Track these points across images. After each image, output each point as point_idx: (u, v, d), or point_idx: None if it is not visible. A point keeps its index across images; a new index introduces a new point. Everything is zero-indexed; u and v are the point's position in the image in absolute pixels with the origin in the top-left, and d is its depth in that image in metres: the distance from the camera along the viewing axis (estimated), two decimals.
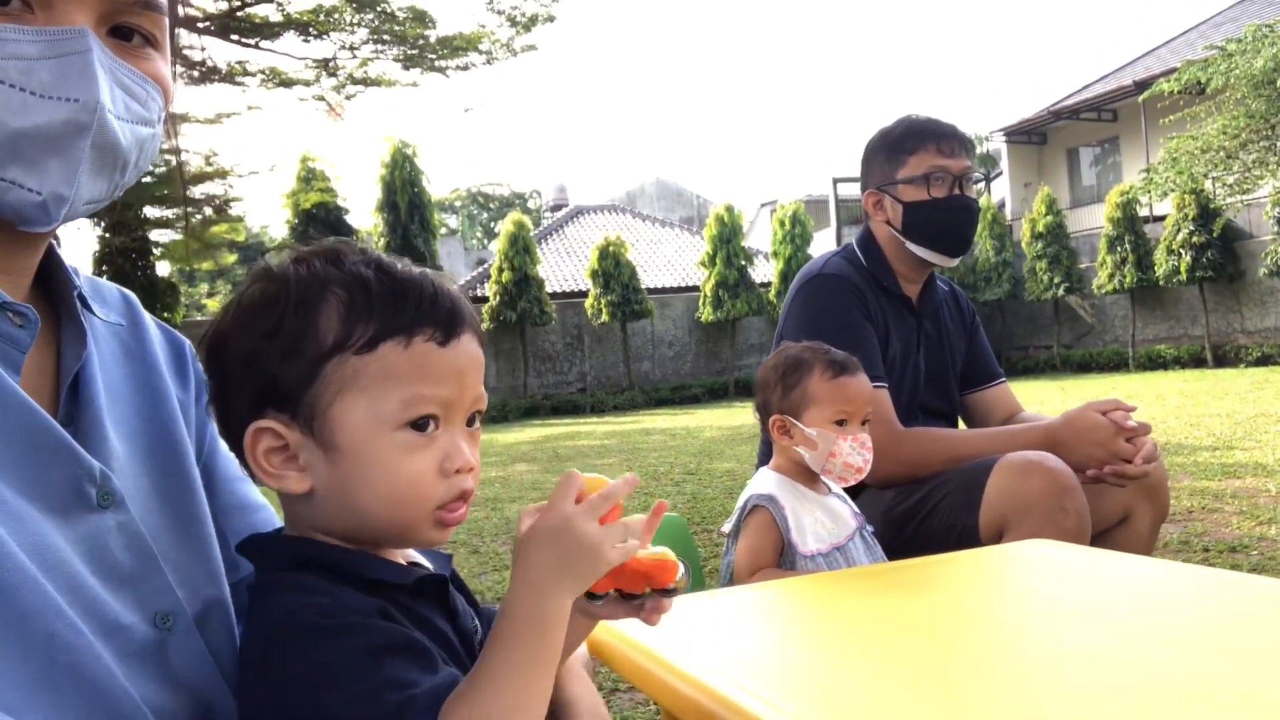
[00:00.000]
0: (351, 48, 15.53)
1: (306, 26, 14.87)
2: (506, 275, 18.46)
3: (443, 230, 40.39)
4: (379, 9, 14.79)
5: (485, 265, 22.61)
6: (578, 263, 23.57)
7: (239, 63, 15.73)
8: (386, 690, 0.67)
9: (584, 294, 19.96)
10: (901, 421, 2.07)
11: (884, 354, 2.14)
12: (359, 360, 0.74)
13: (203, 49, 15.48)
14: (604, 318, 18.79)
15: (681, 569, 0.80)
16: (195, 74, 15.98)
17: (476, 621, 0.92)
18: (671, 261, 25.06)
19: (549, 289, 19.67)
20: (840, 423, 1.59)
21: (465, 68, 16.23)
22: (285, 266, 0.78)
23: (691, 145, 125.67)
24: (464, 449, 0.78)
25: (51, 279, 0.80)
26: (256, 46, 15.03)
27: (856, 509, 1.68)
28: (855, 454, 1.57)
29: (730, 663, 0.91)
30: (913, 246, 2.18)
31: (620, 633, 1.01)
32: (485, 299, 19.13)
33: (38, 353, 0.75)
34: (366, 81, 16.17)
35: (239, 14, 14.38)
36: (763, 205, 31.80)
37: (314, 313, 0.75)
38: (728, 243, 19.62)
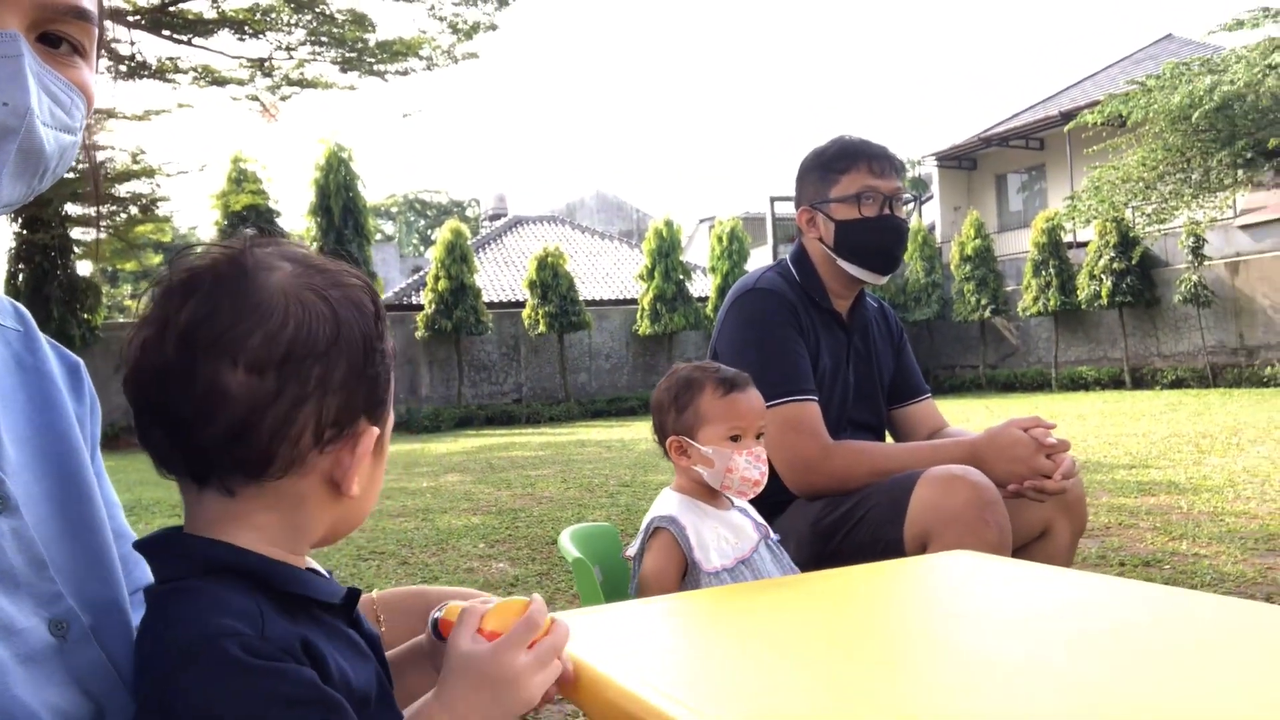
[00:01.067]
0: (288, 48, 15.26)
1: (242, 25, 14.57)
2: (443, 284, 18.29)
3: (378, 236, 39.82)
4: (317, 10, 14.57)
5: (421, 273, 22.36)
6: (516, 273, 23.47)
7: (170, 59, 15.33)
8: None
9: (521, 304, 19.87)
10: (831, 435, 2.10)
11: (815, 367, 2.17)
12: (389, 370, 0.81)
13: (132, 43, 15.07)
14: (541, 329, 18.73)
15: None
16: (123, 69, 15.52)
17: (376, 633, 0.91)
18: (610, 274, 25.09)
19: (486, 299, 19.53)
20: (735, 438, 1.60)
21: (405, 73, 16.07)
22: (355, 278, 0.79)
23: (632, 159, 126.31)
24: None
25: None
26: (189, 43, 14.68)
27: (760, 520, 1.70)
28: (751, 468, 1.58)
29: (651, 670, 0.91)
30: (844, 264, 2.22)
31: None
32: (420, 307, 18.91)
33: None
34: (303, 83, 15.90)
35: (171, 9, 14.03)
36: (701, 221, 32.08)
37: (385, 330, 0.80)
38: (666, 257, 19.75)
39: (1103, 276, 16.65)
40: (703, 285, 21.91)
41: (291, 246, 0.79)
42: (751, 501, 2.11)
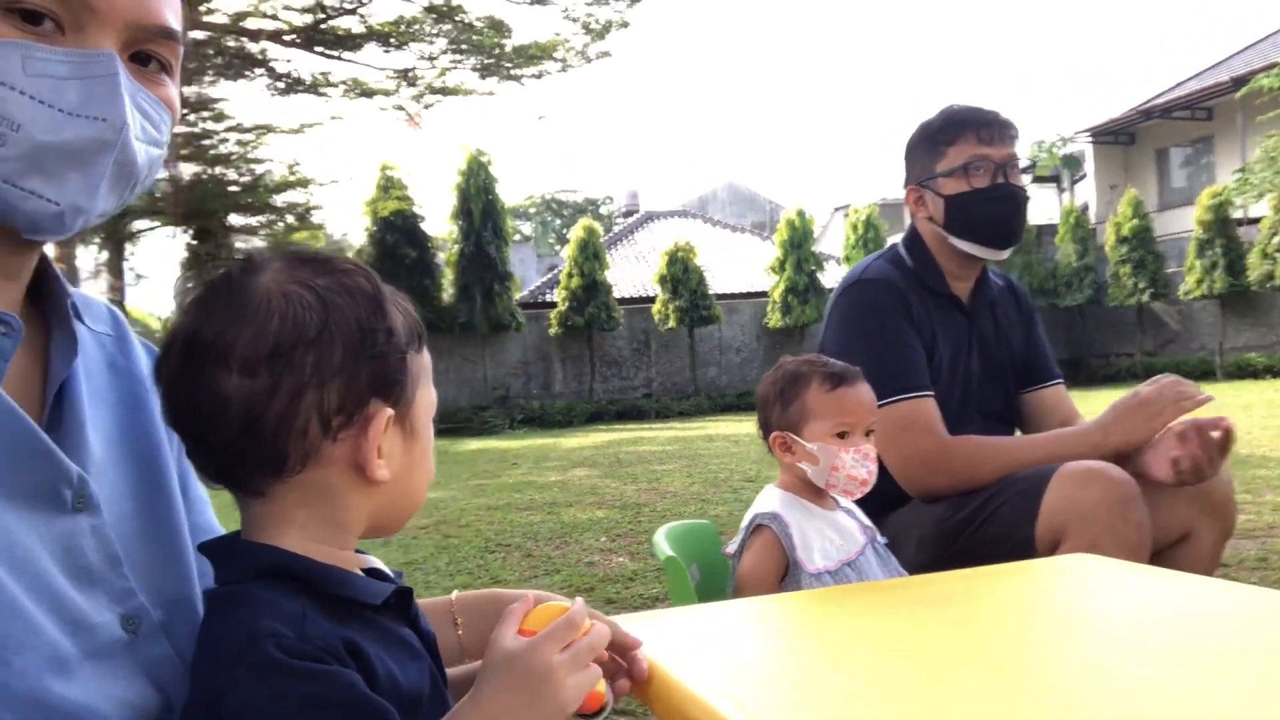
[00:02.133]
0: (430, 58, 15.87)
1: (387, 37, 15.25)
2: (575, 281, 18.58)
3: (516, 237, 40.91)
4: (457, 19, 15.07)
5: (555, 271, 22.81)
6: (647, 268, 23.61)
7: (322, 74, 16.23)
8: None
9: (652, 299, 19.97)
10: (957, 427, 1.99)
11: (931, 359, 2.06)
12: (419, 357, 0.83)
13: (288, 61, 16.03)
14: (671, 323, 18.77)
15: (609, 698, 0.85)
16: (281, 85, 16.53)
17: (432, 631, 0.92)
18: (741, 267, 24.90)
19: (617, 294, 19.73)
20: (842, 435, 1.54)
21: (540, 76, 16.44)
22: (335, 262, 0.82)
23: (765, 149, 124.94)
24: None
25: (45, 288, 0.82)
26: (339, 58, 15.48)
27: (867, 522, 1.63)
28: (859, 466, 1.52)
29: (726, 675, 0.88)
30: (957, 241, 2.09)
31: None
32: (554, 304, 19.30)
33: (26, 358, 0.77)
34: (444, 91, 16.51)
35: (323, 27, 14.82)
36: (836, 209, 31.40)
37: (391, 317, 0.80)
38: (798, 247, 19.43)
39: (1277, 255, 15.29)
40: (836, 276, 21.42)
41: (294, 249, 0.82)
42: (865, 501, 2.04)
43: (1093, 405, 2.32)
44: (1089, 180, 23.60)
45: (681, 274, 18.79)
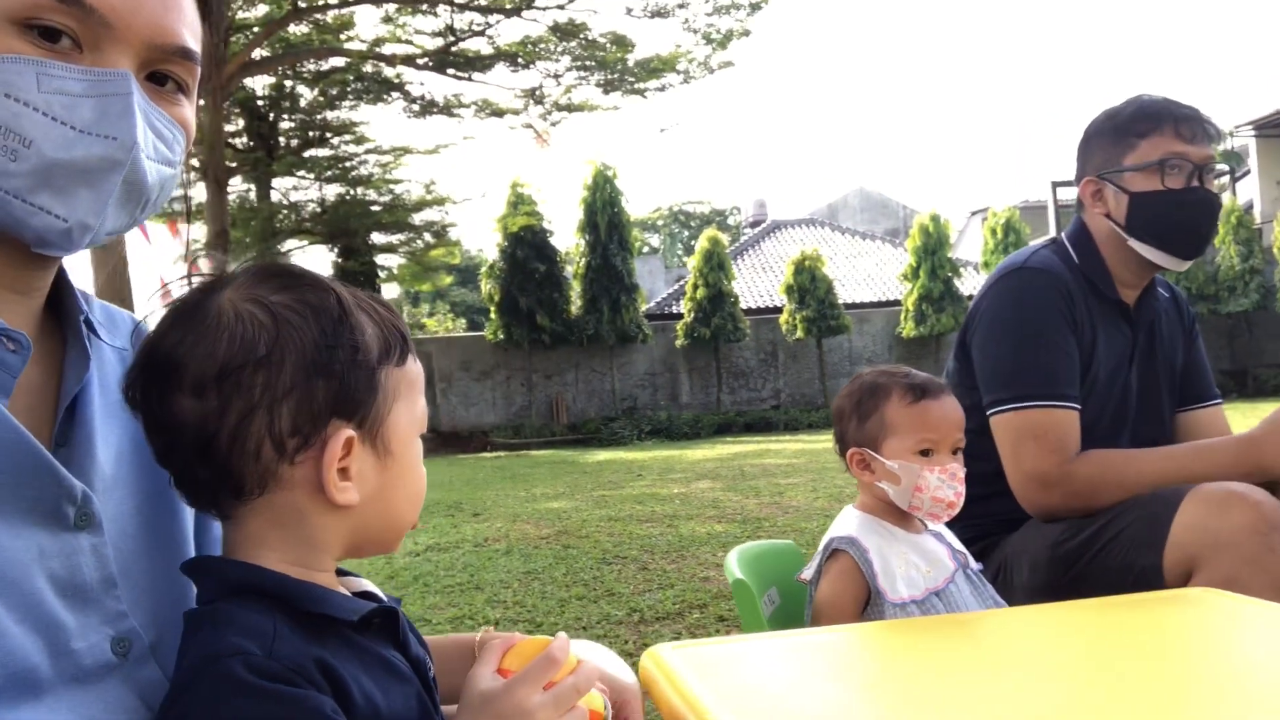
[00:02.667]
0: (556, 76, 16.24)
1: (515, 57, 15.70)
2: (701, 292, 18.57)
3: (644, 249, 41.25)
4: (581, 37, 15.37)
5: (681, 282, 22.84)
6: (773, 278, 23.35)
7: (455, 95, 16.87)
8: None
9: (779, 310, 19.73)
10: (1109, 446, 1.82)
11: (1088, 369, 1.87)
12: (399, 372, 0.79)
13: (422, 84, 16.73)
14: (799, 334, 18.48)
15: (605, 707, 0.82)
16: (416, 108, 17.26)
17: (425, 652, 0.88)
18: (872, 275, 24.30)
19: (744, 305, 19.59)
20: (925, 453, 1.42)
21: (663, 88, 16.57)
22: (307, 280, 0.78)
23: (897, 153, 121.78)
24: None
25: (62, 303, 0.83)
26: (470, 79, 16.03)
27: (958, 547, 1.50)
28: (944, 487, 1.40)
29: (764, 712, 0.81)
30: (1136, 245, 1.87)
31: (670, 671, 0.93)
32: (680, 316, 19.33)
33: (40, 373, 0.78)
34: (570, 108, 16.87)
35: (453, 49, 15.38)
36: (973, 214, 30.22)
37: (359, 329, 0.77)
38: (933, 254, 18.80)
39: None
40: (973, 283, 20.61)
41: (265, 266, 0.78)
42: (978, 519, 1.89)
43: (1257, 421, 2.08)
44: (1253, 177, 21.85)
45: (809, 283, 18.50)
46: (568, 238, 19.47)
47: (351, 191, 18.02)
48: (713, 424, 18.06)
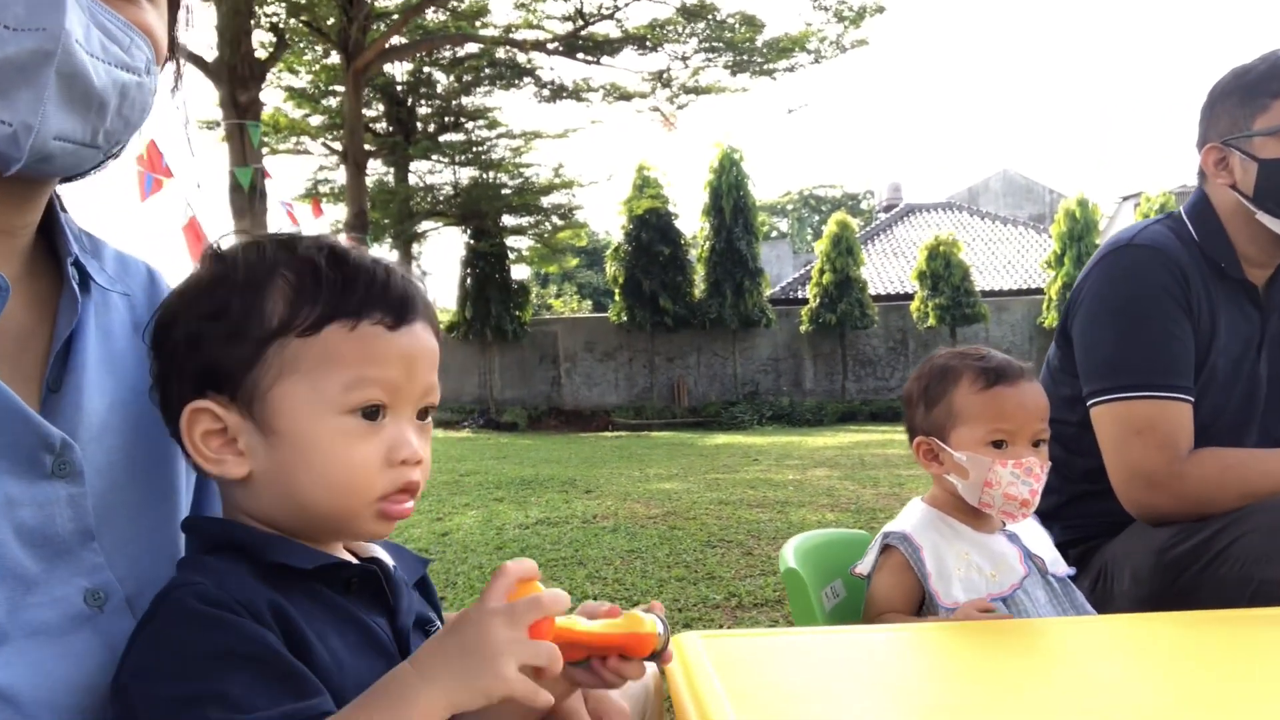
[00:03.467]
0: (684, 58, 16.16)
1: (643, 40, 15.71)
2: (828, 277, 18.17)
3: (773, 234, 40.67)
4: (709, 17, 15.23)
5: (808, 267, 22.43)
6: (905, 264, 22.62)
7: (584, 79, 17.04)
8: (208, 704, 0.61)
9: (910, 297, 19.09)
10: (1230, 445, 1.63)
11: (1206, 357, 1.69)
12: (301, 343, 0.73)
13: (552, 69, 16.96)
14: (930, 321, 17.84)
15: (661, 631, 0.75)
16: (546, 93, 17.53)
17: (439, 626, 0.85)
18: (1013, 262, 23.21)
19: (872, 291, 19.05)
20: (999, 444, 1.29)
21: (793, 69, 16.24)
22: (235, 250, 0.77)
23: (1044, 134, 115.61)
24: (412, 440, 0.76)
25: (58, 246, 0.82)
26: (598, 63, 16.14)
27: (1037, 550, 1.36)
28: (1018, 483, 1.26)
29: (765, 713, 0.74)
30: (1265, 218, 1.67)
31: (689, 661, 0.88)
32: (805, 301, 18.99)
33: (31, 316, 0.77)
34: (697, 90, 16.76)
35: (583, 34, 15.51)
36: (1124, 199, 28.35)
37: (260, 295, 0.73)
38: (1079, 240, 17.79)
39: None
40: None
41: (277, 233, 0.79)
42: (1078, 521, 1.74)
43: None
44: None
45: (943, 269, 17.81)
46: (692, 221, 19.40)
47: (484, 175, 18.48)
48: (837, 412, 17.69)
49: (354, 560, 0.80)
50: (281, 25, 13.25)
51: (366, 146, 15.35)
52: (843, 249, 18.26)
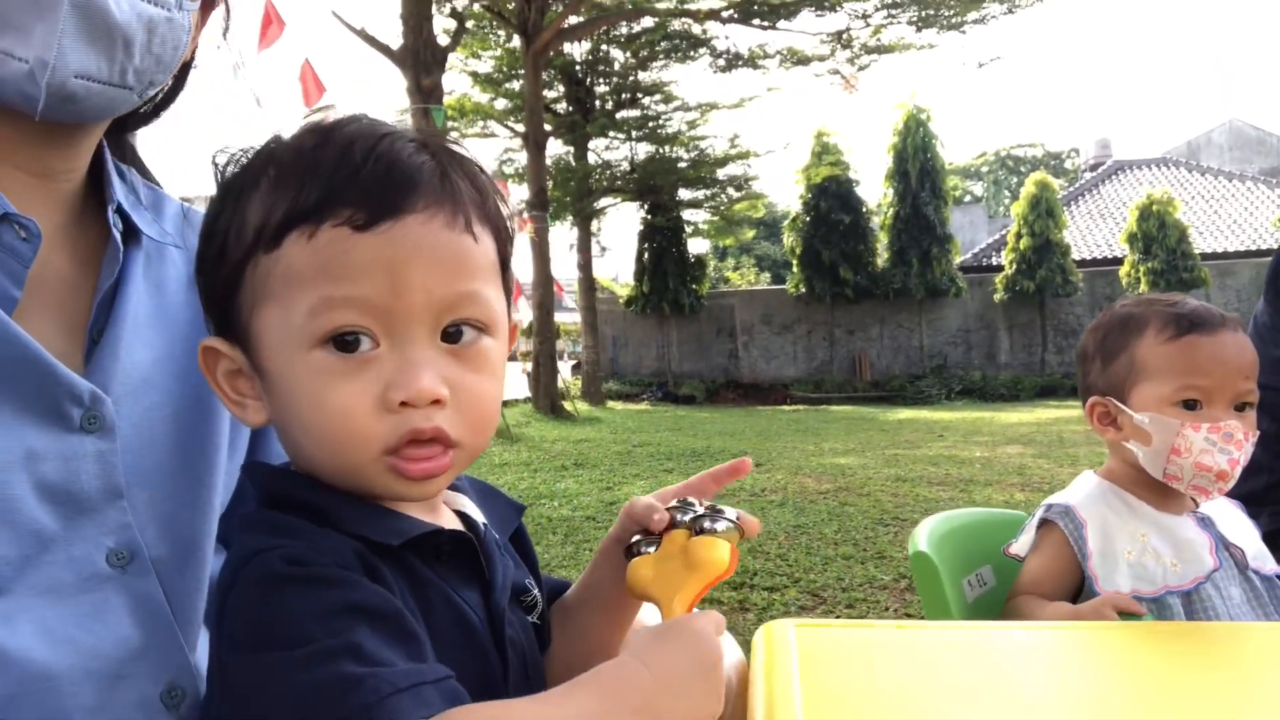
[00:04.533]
0: (864, 16, 15.45)
1: (820, 1, 15.13)
2: (1025, 242, 17.00)
3: (965, 199, 38.51)
4: None
5: (1004, 232, 21.09)
6: (1114, 226, 20.84)
7: (759, 46, 16.63)
8: (343, 658, 0.52)
9: (1119, 261, 17.56)
10: None
11: None
12: (268, 260, 0.61)
13: (726, 38, 16.67)
14: (1143, 287, 16.32)
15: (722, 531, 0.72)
16: (721, 63, 17.27)
17: (537, 592, 0.76)
18: (1239, 221, 20.89)
19: (1076, 256, 17.67)
20: (1190, 405, 1.07)
21: (983, 20, 15.19)
22: (264, 147, 0.66)
23: (1278, 78, 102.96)
24: (418, 373, 0.60)
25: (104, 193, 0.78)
26: (774, 27, 15.71)
27: (1231, 540, 1.12)
28: (1214, 451, 1.03)
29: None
30: None
31: (773, 648, 0.77)
32: (1000, 268, 17.87)
33: (74, 266, 0.74)
34: (880, 49, 16.00)
35: None
36: None
37: (243, 201, 0.63)
38: None
39: None
40: None
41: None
42: None
43: None
44: None
45: (1156, 231, 16.25)
46: (875, 187, 18.69)
47: (659, 149, 18.50)
48: (1034, 386, 16.57)
49: (442, 527, 0.67)
50: (462, 10, 13.71)
51: (546, 126, 15.68)
52: (1042, 211, 17.02)
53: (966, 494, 5.79)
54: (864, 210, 18.10)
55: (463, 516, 0.73)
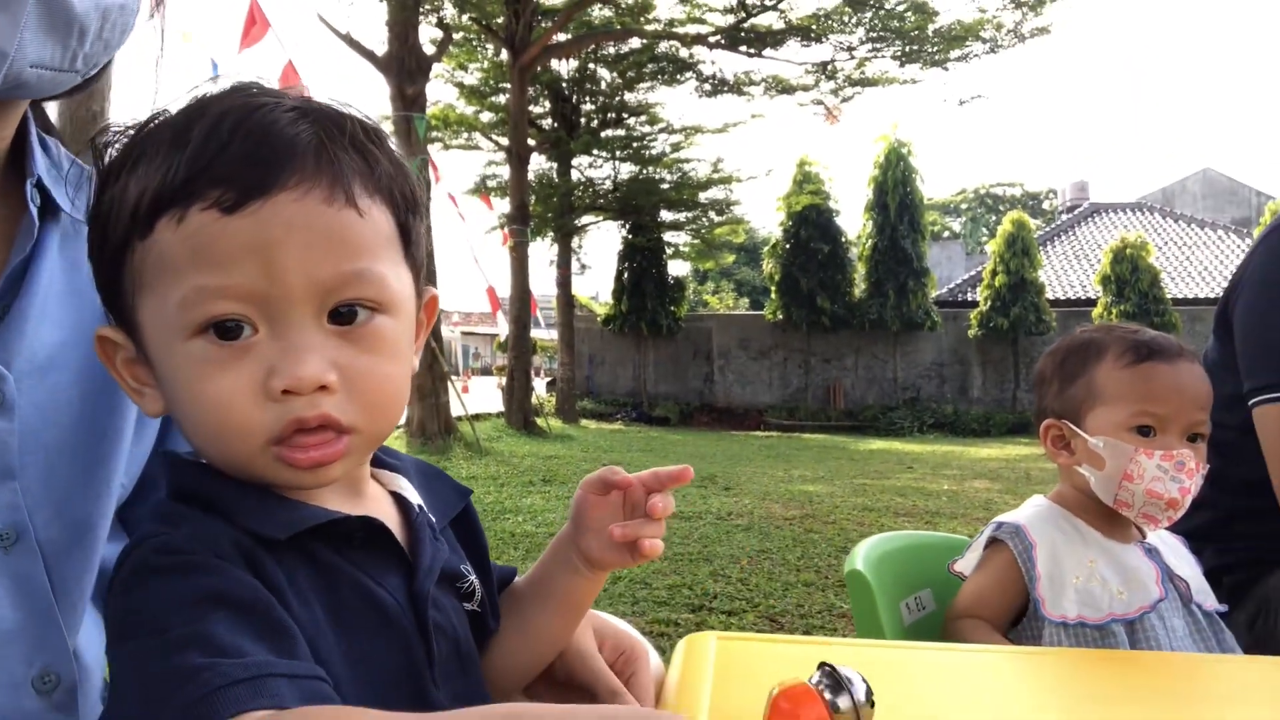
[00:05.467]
0: (849, 49, 15.64)
1: (807, 31, 15.31)
2: (1001, 279, 17.17)
3: (944, 234, 38.94)
4: (877, 6, 14.68)
5: (980, 268, 21.31)
6: (1088, 268, 21.12)
7: (745, 73, 16.77)
8: (191, 648, 0.50)
9: (1092, 303, 17.78)
10: None
11: None
12: (142, 247, 0.57)
13: (713, 63, 16.77)
14: None
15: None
16: (707, 87, 17.39)
17: (475, 580, 0.72)
18: (1210, 269, 21.24)
19: (1050, 295, 17.87)
20: (1145, 431, 1.06)
21: (966, 58, 15.41)
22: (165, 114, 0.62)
23: (1251, 131, 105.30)
24: (305, 358, 0.56)
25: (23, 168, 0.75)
26: (760, 55, 15.86)
27: (1177, 572, 1.10)
28: (1165, 479, 1.03)
29: None
30: None
31: (687, 657, 0.73)
32: (975, 304, 18.04)
33: None
34: (863, 82, 16.18)
35: (745, 26, 15.28)
36: None
37: (124, 184, 0.59)
38: None
39: None
40: None
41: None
42: (1235, 543, 1.46)
43: None
44: None
45: (1129, 274, 16.48)
46: (854, 219, 18.82)
47: (643, 170, 18.57)
48: (1005, 422, 16.68)
49: (349, 514, 0.63)
50: (449, 21, 13.71)
51: (530, 141, 15.70)
52: (1018, 249, 17.21)
53: (931, 526, 5.79)
54: (843, 240, 18.24)
55: (398, 498, 0.70)
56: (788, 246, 18.09)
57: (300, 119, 0.58)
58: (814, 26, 15.01)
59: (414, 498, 0.70)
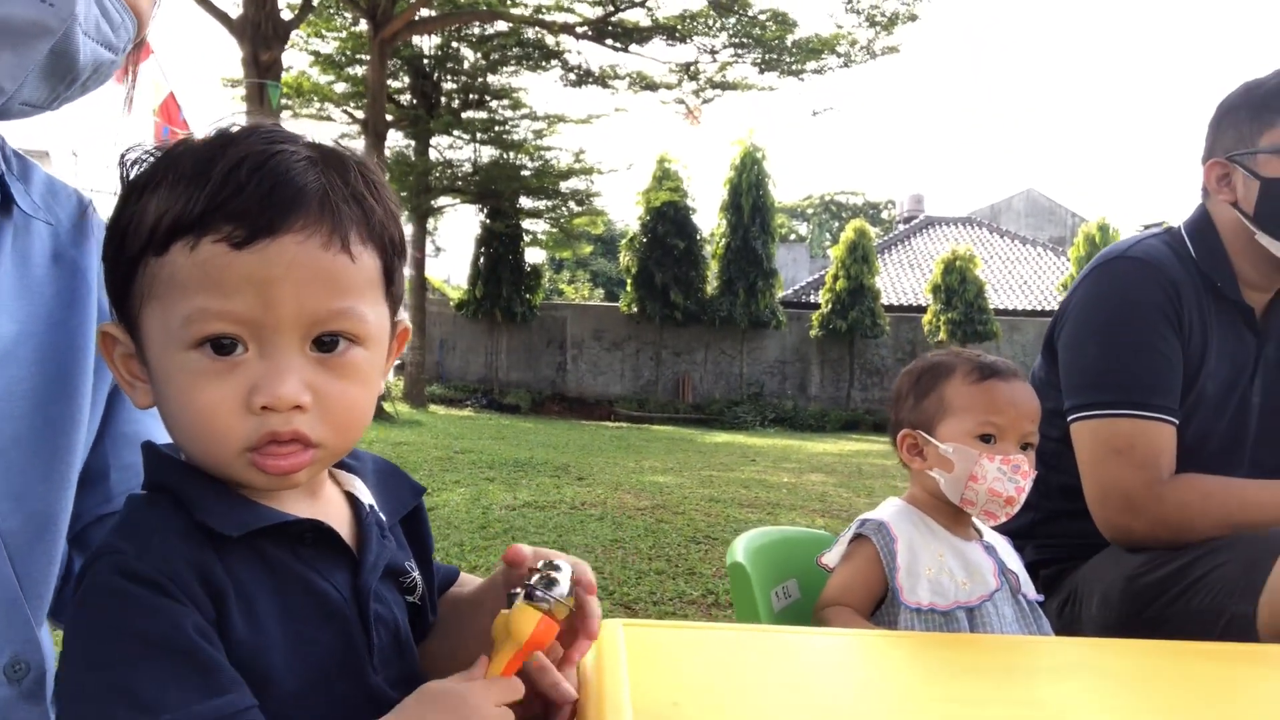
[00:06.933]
0: (712, 52, 16.02)
1: (673, 30, 15.58)
2: (841, 283, 18.09)
3: (791, 237, 40.44)
4: (740, 12, 15.11)
5: (823, 272, 22.33)
6: (921, 276, 22.50)
7: (611, 66, 16.90)
8: (116, 701, 0.57)
9: (923, 310, 18.99)
10: (1217, 473, 1.57)
11: (1195, 381, 1.62)
12: (156, 264, 0.64)
13: (579, 53, 16.84)
14: (941, 335, 17.73)
15: (546, 602, 0.68)
16: (572, 77, 17.42)
17: (417, 575, 0.78)
18: (1029, 283, 23.06)
19: (885, 301, 18.95)
20: (987, 439, 1.25)
21: (821, 71, 16.09)
22: (173, 147, 0.68)
23: (1070, 158, 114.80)
24: (283, 380, 0.63)
25: None
26: (626, 50, 16.02)
27: (1009, 566, 1.30)
28: (1004, 480, 1.21)
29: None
30: (1265, 239, 1.60)
31: (601, 645, 0.82)
32: (817, 306, 18.90)
33: None
34: (724, 85, 16.62)
35: (613, 20, 15.40)
36: (1146, 227, 28.11)
37: (145, 202, 0.65)
38: None
39: None
40: None
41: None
42: (1052, 541, 1.68)
43: None
44: None
45: (958, 284, 17.70)
46: (710, 217, 19.32)
47: (504, 155, 18.40)
48: (840, 419, 17.61)
49: (299, 517, 0.70)
50: None
51: (388, 117, 15.28)
52: (858, 256, 18.16)
53: (773, 517, 6.09)
54: (698, 238, 18.71)
55: (351, 498, 0.75)
56: (645, 240, 18.40)
57: (310, 168, 0.64)
58: (679, 27, 15.30)
59: (366, 498, 0.75)
